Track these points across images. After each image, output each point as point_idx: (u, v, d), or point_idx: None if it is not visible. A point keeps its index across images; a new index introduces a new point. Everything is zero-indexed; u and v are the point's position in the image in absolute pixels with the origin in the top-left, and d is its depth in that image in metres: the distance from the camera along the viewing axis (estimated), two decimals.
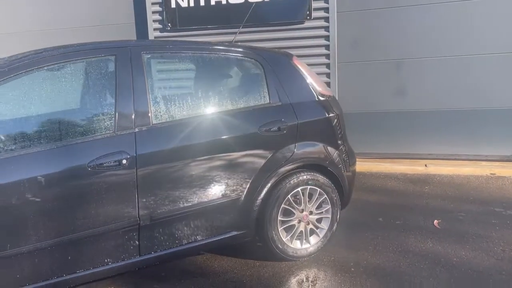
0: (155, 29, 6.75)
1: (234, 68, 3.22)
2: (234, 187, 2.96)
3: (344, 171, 3.38)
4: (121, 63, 2.70)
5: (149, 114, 2.71)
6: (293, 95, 3.21)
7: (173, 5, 6.54)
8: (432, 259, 3.25)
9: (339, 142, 3.39)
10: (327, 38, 6.04)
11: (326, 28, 6.03)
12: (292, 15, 6.12)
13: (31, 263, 2.42)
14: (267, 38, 6.02)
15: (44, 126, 2.52)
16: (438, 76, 5.78)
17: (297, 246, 3.25)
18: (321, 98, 3.35)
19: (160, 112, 2.77)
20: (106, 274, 2.71)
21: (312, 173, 3.22)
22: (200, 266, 3.28)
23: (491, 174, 5.33)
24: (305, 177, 3.19)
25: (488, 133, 5.74)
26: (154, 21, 6.73)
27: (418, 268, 3.13)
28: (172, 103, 2.86)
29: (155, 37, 6.76)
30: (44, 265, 2.46)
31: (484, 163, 5.68)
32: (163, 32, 6.71)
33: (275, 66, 3.20)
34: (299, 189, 3.18)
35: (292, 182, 3.14)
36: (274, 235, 3.14)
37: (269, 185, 3.07)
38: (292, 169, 3.15)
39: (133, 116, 2.65)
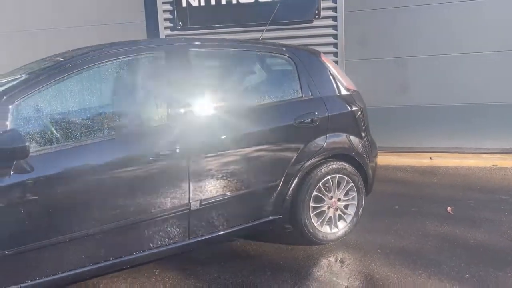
0: (165, 28, 6.92)
1: (270, 64, 3.43)
2: (273, 175, 3.18)
3: (368, 161, 3.62)
4: (171, 58, 2.90)
5: (197, 106, 2.91)
6: (322, 90, 3.44)
7: (184, 4, 6.71)
8: (451, 241, 3.50)
9: (363, 133, 3.63)
10: (335, 36, 6.28)
11: (334, 27, 6.28)
12: (301, 15, 6.34)
13: (95, 244, 2.60)
14: (278, 37, 6.22)
15: (106, 117, 2.70)
16: (441, 73, 6.06)
17: (326, 230, 3.48)
18: (347, 93, 3.59)
19: (206, 105, 2.97)
20: (159, 256, 2.90)
21: (341, 163, 3.46)
22: (236, 251, 3.49)
23: (493, 165, 5.62)
24: (334, 166, 3.42)
25: (488, 127, 6.05)
26: (165, 19, 6.90)
27: (440, 249, 3.38)
28: (215, 96, 3.06)
29: (166, 36, 6.92)
30: (105, 246, 2.64)
31: (485, 155, 5.99)
32: (173, 31, 6.88)
33: (306, 62, 3.43)
34: (329, 177, 3.41)
35: (323, 170, 3.37)
36: (306, 220, 3.36)
37: (302, 173, 3.29)
38: (323, 159, 3.38)
39: (183, 108, 2.85)
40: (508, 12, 5.71)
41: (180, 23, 6.78)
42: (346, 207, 3.55)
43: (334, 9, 6.26)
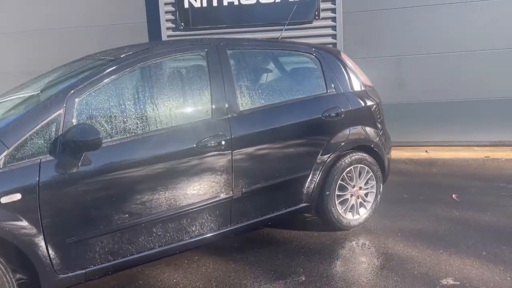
0: (167, 28, 7.06)
1: (299, 62, 3.67)
2: (303, 165, 3.42)
3: (384, 152, 3.89)
4: (211, 57, 3.10)
5: (237, 102, 3.13)
6: (344, 85, 3.70)
7: (186, 5, 6.88)
8: (463, 224, 3.81)
9: (380, 126, 3.90)
10: (334, 36, 6.57)
11: (333, 27, 6.56)
12: (301, 15, 6.59)
13: (150, 231, 2.79)
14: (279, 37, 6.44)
15: (157, 112, 2.88)
16: (434, 70, 6.42)
17: (349, 217, 3.74)
18: (365, 88, 3.86)
19: (244, 101, 3.19)
20: (205, 242, 3.09)
21: (362, 154, 3.72)
22: (265, 238, 3.71)
23: (485, 157, 6.00)
24: (356, 157, 3.68)
25: (479, 121, 6.43)
26: (167, 20, 7.04)
27: (455, 231, 3.68)
28: (252, 92, 3.28)
29: (167, 36, 7.06)
30: (159, 233, 2.82)
31: (476, 148, 6.37)
32: (175, 31, 7.03)
33: (329, 60, 3.68)
34: (351, 167, 3.67)
35: (346, 161, 3.62)
36: (332, 208, 3.61)
37: (329, 164, 3.53)
38: (347, 150, 3.63)
39: (225, 103, 3.06)
40: (496, 14, 6.10)
41: (182, 24, 6.94)
42: (366, 195, 3.82)
43: (333, 10, 6.54)
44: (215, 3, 6.79)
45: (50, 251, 2.46)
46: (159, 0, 6.92)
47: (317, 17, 6.56)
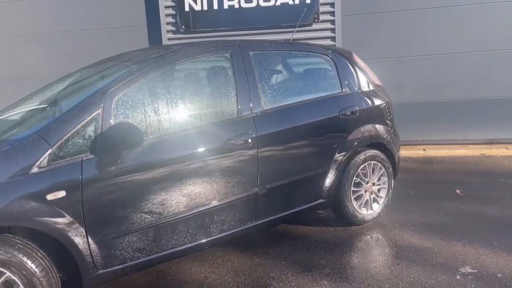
0: (168, 31, 7.14)
1: (315, 63, 3.79)
2: (322, 162, 3.55)
3: (395, 149, 4.05)
4: (235, 58, 3.21)
5: (260, 101, 3.24)
6: (357, 85, 3.85)
7: (186, 8, 6.97)
8: (471, 217, 3.98)
9: (390, 124, 4.06)
10: (333, 38, 6.74)
11: (332, 30, 6.74)
12: (302, 18, 6.72)
13: (183, 227, 2.87)
14: (279, 39, 6.58)
15: (188, 111, 2.98)
16: (431, 72, 6.65)
17: (364, 212, 3.87)
18: (376, 88, 4.00)
19: (266, 100, 3.30)
20: (231, 238, 3.19)
21: (375, 151, 3.86)
22: (283, 234, 3.81)
23: (481, 154, 6.23)
24: (370, 153, 3.82)
25: (473, 120, 6.67)
26: (168, 23, 7.12)
27: (464, 223, 3.84)
28: (273, 92, 3.40)
29: (168, 39, 7.13)
30: (192, 228, 2.91)
31: (471, 146, 6.61)
32: (176, 34, 7.11)
33: (343, 61, 3.82)
34: (366, 164, 3.80)
35: (361, 158, 3.76)
36: (348, 203, 3.74)
37: (346, 160, 3.66)
38: (362, 147, 3.77)
39: (250, 103, 3.16)
40: (490, 17, 6.36)
41: (183, 26, 7.02)
42: (379, 190, 3.96)
43: (332, 14, 6.72)
44: (215, 6, 6.89)
45: (92, 247, 2.53)
46: (160, 3, 6.99)
47: (316, 20, 6.72)
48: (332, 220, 3.99)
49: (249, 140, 3.07)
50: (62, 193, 2.40)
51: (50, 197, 2.36)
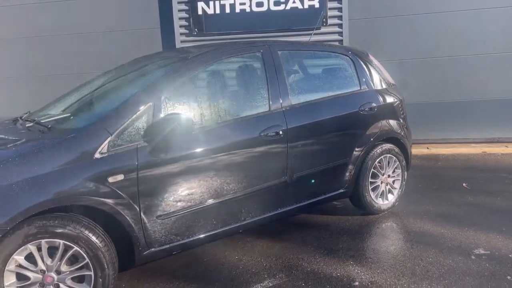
0: (181, 34, 7.39)
1: (336, 62, 4.07)
2: (343, 154, 3.82)
3: (408, 143, 4.33)
4: (266, 57, 3.48)
5: (289, 97, 3.51)
6: (373, 83, 4.13)
7: (199, 11, 7.23)
8: (478, 207, 4.27)
9: (403, 120, 4.34)
10: (340, 42, 7.03)
11: (340, 33, 7.04)
12: (310, 22, 7.03)
13: (225, 210, 3.13)
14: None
15: (227, 104, 3.25)
16: (434, 74, 6.97)
17: (380, 202, 4.15)
18: (390, 86, 4.29)
19: (294, 95, 3.57)
20: (260, 223, 3.44)
21: (390, 144, 4.15)
22: (305, 222, 4.07)
23: (483, 152, 6.54)
24: (386, 147, 4.10)
25: (474, 120, 6.99)
26: (181, 26, 7.37)
27: (473, 213, 4.13)
28: (300, 88, 3.67)
29: (181, 42, 7.39)
30: (228, 213, 3.17)
31: (473, 144, 6.92)
32: (189, 37, 7.37)
33: (360, 60, 4.11)
34: (382, 157, 4.08)
35: (378, 151, 4.04)
36: (366, 193, 4.02)
37: (365, 153, 3.94)
38: (379, 142, 4.05)
39: (280, 98, 3.43)
40: (491, 21, 6.70)
41: (196, 29, 7.28)
42: (393, 182, 4.24)
43: (340, 18, 7.02)
44: (227, 10, 7.16)
45: (144, 227, 2.78)
46: (173, 7, 7.24)
47: (324, 24, 7.01)
48: (348, 210, 4.26)
49: (280, 132, 3.33)
50: (120, 177, 2.65)
51: (111, 179, 2.61)
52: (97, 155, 2.61)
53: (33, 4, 7.55)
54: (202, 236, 3.06)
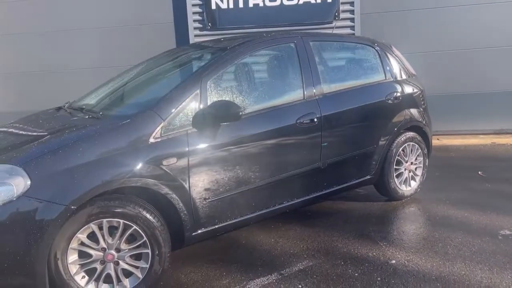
0: (195, 28, 7.49)
1: (363, 53, 4.21)
2: (371, 141, 3.97)
3: (430, 132, 4.49)
4: (299, 47, 3.62)
5: (321, 86, 3.65)
6: (397, 73, 4.29)
7: (213, 6, 7.33)
8: (497, 193, 4.43)
9: (424, 109, 4.50)
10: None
11: (352, 27, 7.18)
12: (323, 16, 7.18)
13: (261, 194, 3.27)
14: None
15: (266, 92, 3.39)
16: (443, 67, 7.14)
17: (403, 188, 4.31)
18: (412, 77, 4.45)
19: (326, 85, 3.71)
20: (295, 207, 3.59)
21: (413, 133, 4.30)
22: (331, 208, 4.22)
23: (492, 142, 6.72)
24: (409, 135, 4.25)
25: (483, 112, 7.18)
26: (194, 21, 7.47)
27: (493, 198, 4.29)
28: (331, 78, 3.81)
29: (194, 36, 7.50)
30: (268, 196, 3.32)
31: (481, 136, 7.10)
32: (203, 31, 7.47)
33: (385, 51, 4.26)
34: (405, 144, 4.24)
35: (402, 139, 4.19)
36: (391, 180, 4.17)
37: (390, 141, 4.08)
38: (403, 129, 4.20)
39: (313, 87, 3.57)
40: (499, 15, 6.88)
41: (209, 24, 7.38)
42: (415, 169, 4.40)
43: (352, 12, 7.15)
44: (241, 5, 7.27)
45: (194, 209, 2.91)
46: (187, 2, 7.34)
47: (337, 18, 7.15)
48: (371, 197, 4.41)
49: (315, 120, 3.47)
50: (173, 160, 2.78)
51: (165, 162, 2.74)
52: (151, 140, 2.74)
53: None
54: (245, 217, 3.20)
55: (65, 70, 7.78)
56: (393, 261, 3.12)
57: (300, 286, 2.86)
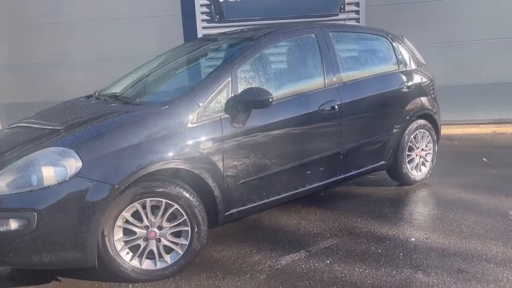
0: (202, 20, 7.62)
1: (378, 44, 4.38)
2: (386, 128, 4.15)
3: (439, 119, 4.69)
4: (320, 38, 3.79)
5: (340, 75, 3.82)
6: (409, 63, 4.47)
7: None
8: (503, 178, 4.65)
9: (434, 98, 4.69)
10: None
11: (357, 20, 7.34)
12: (328, 8, 7.33)
13: (285, 177, 3.45)
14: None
15: (291, 81, 3.56)
16: (444, 58, 7.33)
17: (415, 173, 4.51)
18: (422, 66, 4.64)
19: (345, 73, 3.88)
20: (317, 189, 3.78)
21: (424, 120, 4.50)
22: (348, 192, 4.41)
23: (493, 131, 6.95)
24: (421, 122, 4.45)
25: (482, 101, 7.40)
26: (202, 13, 7.59)
27: (500, 182, 4.50)
28: (349, 67, 3.98)
29: (202, 28, 7.62)
30: (292, 179, 3.50)
31: (482, 125, 7.32)
32: (210, 23, 7.59)
33: (398, 42, 4.45)
34: (417, 131, 4.44)
35: (414, 126, 4.39)
36: (403, 165, 4.37)
37: (403, 128, 4.28)
38: (415, 117, 4.39)
39: (333, 76, 3.75)
40: (499, 7, 7.09)
41: (217, 16, 7.51)
42: (426, 155, 4.60)
43: (357, 4, 7.32)
44: None
45: (228, 190, 3.08)
46: None
47: (342, 10, 7.31)
48: (383, 182, 4.61)
49: (335, 107, 3.65)
50: (210, 144, 2.95)
51: (202, 146, 2.91)
52: (189, 125, 2.90)
53: None
54: (272, 199, 3.39)
55: (72, 61, 7.87)
56: (413, 239, 3.32)
57: (328, 261, 3.05)
